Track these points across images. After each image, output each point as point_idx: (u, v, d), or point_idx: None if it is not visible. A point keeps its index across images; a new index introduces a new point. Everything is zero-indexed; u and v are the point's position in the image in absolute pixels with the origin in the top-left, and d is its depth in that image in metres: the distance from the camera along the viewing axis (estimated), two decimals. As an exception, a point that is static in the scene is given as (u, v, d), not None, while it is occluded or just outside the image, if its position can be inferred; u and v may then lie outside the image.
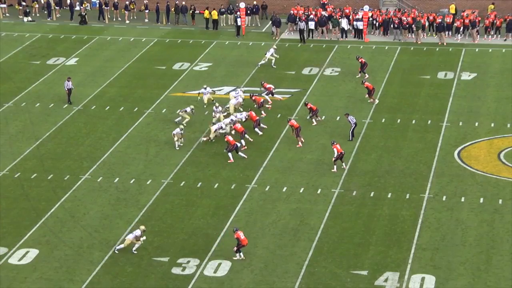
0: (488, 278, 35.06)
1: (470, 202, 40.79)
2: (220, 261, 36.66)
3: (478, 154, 45.63)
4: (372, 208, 40.43)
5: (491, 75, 56.93)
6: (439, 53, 61.54)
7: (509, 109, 51.17)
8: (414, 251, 37.07)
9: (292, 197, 41.81)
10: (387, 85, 55.60)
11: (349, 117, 47.34)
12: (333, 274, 35.63)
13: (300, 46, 63.92)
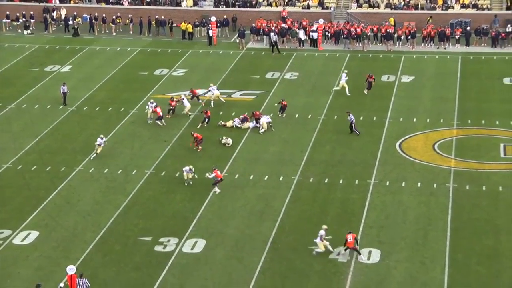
0: (425, 251, 35.36)
1: (409, 187, 41.05)
2: (196, 240, 36.69)
3: (416, 145, 45.92)
4: (327, 192, 40.61)
5: (427, 78, 57.30)
6: (383, 59, 61.84)
7: (442, 107, 51.50)
8: (362, 229, 37.27)
9: (258, 184, 41.86)
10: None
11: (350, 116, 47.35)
12: (293, 250, 35.76)
13: (264, 54, 63.92)
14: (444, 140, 46.49)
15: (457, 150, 45.18)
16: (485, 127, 48.19)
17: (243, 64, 61.65)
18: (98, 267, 34.45)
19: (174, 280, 33.57)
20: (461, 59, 60.97)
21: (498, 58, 60.99)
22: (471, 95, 53.45)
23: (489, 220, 37.69)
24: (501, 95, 53.46)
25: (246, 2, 72.67)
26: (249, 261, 34.93)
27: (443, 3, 69.51)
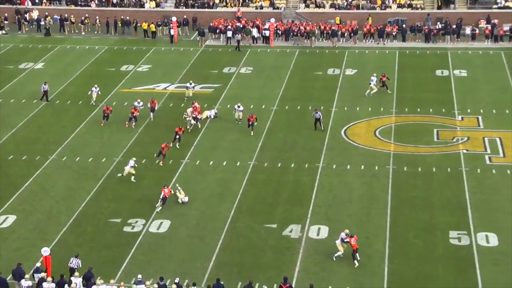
0: (368, 226, 35.70)
1: (354, 169, 41.36)
2: (162, 221, 36.60)
3: (359, 132, 46.23)
4: (280, 175, 40.72)
5: (368, 71, 57.50)
6: (328, 54, 62.07)
7: (383, 96, 51.85)
8: (312, 208, 37.50)
9: (217, 169, 41.85)
10: (289, 80, 55.86)
11: (317, 113, 46.31)
12: (250, 228, 35.87)
13: (221, 50, 63.77)
14: (384, 126, 46.88)
15: (395, 135, 45.58)
16: (420, 114, 48.67)
17: (202, 60, 61.43)
18: (72, 247, 34.16)
19: (142, 257, 33.48)
20: (398, 53, 61.46)
21: (431, 52, 61.59)
22: (407, 86, 53.91)
23: (425, 198, 38.15)
24: (434, 86, 54.06)
25: (204, 3, 72.39)
26: (210, 239, 34.96)
27: (381, 3, 69.95)
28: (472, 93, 52.00)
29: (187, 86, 51.94)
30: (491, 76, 55.19)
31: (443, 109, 49.23)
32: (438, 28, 64.21)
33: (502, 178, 39.59)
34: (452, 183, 39.40)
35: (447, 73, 56.35)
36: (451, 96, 51.39)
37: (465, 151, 43.04)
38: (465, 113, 48.39)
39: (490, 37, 63.16)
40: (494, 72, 56.11)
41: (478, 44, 62.82)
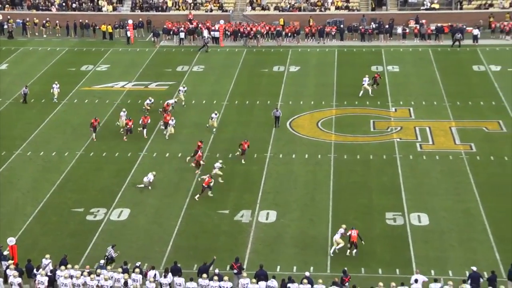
0: (312, 211, 35.89)
1: (298, 158, 41.49)
2: (122, 209, 36.29)
3: (303, 123, 46.38)
4: (231, 165, 40.57)
5: (310, 67, 57.85)
6: (274, 53, 62.04)
7: (323, 91, 52.06)
8: (261, 194, 37.54)
9: (173, 160, 41.58)
10: (238, 77, 55.72)
11: (277, 111, 45.72)
12: (204, 214, 35.77)
13: (174, 50, 63.28)
14: (326, 118, 47.11)
15: (336, 126, 45.83)
16: (358, 107, 49.02)
17: (157, 59, 60.89)
18: (38, 236, 33.70)
19: (104, 244, 33.03)
20: (337, 51, 61.75)
21: (367, 50, 62.05)
22: (346, 81, 54.20)
23: (363, 183, 38.48)
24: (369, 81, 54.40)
25: (158, 7, 71.74)
26: (168, 225, 34.78)
27: (321, 5, 70.19)
28: (404, 87, 52.55)
29: (180, 89, 50.10)
30: (420, 71, 55.84)
31: (378, 101, 49.66)
32: (373, 28, 64.71)
33: (431, 164, 40.14)
34: (387, 169, 39.81)
35: (381, 68, 56.83)
36: (385, 90, 51.86)
37: (398, 139, 43.50)
38: (398, 105, 48.90)
39: (419, 36, 63.90)
40: (423, 67, 56.78)
41: (408, 42, 63.50)
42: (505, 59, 57.60)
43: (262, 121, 46.49)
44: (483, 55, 58.82)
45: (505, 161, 40.24)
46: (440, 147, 42.23)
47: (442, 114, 47.00)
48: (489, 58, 57.82)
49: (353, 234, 31.98)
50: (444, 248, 32.39)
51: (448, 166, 39.74)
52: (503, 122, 45.43)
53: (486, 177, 38.34)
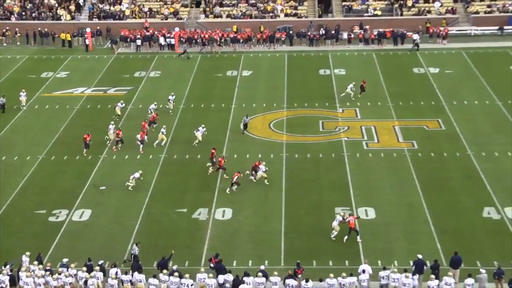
0: (266, 208, 35.97)
1: (252, 158, 41.35)
2: (83, 210, 35.84)
3: (256, 125, 46.41)
4: (188, 166, 40.42)
5: (262, 72, 57.93)
6: (227, 58, 61.96)
7: (275, 94, 52.18)
8: (218, 192, 37.45)
9: (132, 162, 41.21)
10: (193, 82, 55.47)
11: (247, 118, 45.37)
12: (163, 213, 35.56)
13: (132, 57, 62.71)
14: (277, 120, 47.25)
15: (287, 127, 46.01)
16: (307, 108, 49.28)
17: (115, 66, 60.29)
18: (3, 238, 33.08)
19: (66, 243, 32.69)
20: (287, 56, 61.97)
21: (315, 55, 62.42)
22: (296, 84, 54.45)
23: (314, 180, 38.69)
24: (318, 83, 54.76)
25: (115, 15, 71.00)
26: (128, 224, 34.47)
27: (271, 12, 70.35)
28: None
29: (169, 98, 48.91)
30: (365, 74, 56.28)
31: (327, 103, 50.01)
32: (320, 34, 65.15)
33: (377, 161, 40.59)
34: (336, 167, 40.11)
35: (328, 72, 57.24)
36: (332, 92, 52.23)
37: (346, 138, 43.86)
38: (345, 106, 49.29)
39: (363, 41, 64.56)
40: (367, 70, 57.36)
41: (353, 46, 64.07)
42: (442, 62, 58.57)
43: (217, 124, 46.38)
44: (423, 58, 59.71)
45: (444, 157, 40.91)
46: (385, 145, 42.71)
47: (386, 114, 47.56)
48: (428, 61, 58.72)
49: (351, 221, 32.39)
50: (390, 239, 32.79)
51: (392, 162, 40.23)
52: (442, 120, 46.19)
53: (427, 172, 38.93)
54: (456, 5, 70.30)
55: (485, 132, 44.12)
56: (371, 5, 70.32)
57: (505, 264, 29.60)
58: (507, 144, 42.17)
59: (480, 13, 68.72)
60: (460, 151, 41.49)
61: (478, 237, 32.72)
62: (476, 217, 34.40)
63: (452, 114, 47.06)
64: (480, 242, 32.31)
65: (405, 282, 28.01)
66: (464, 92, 51.27)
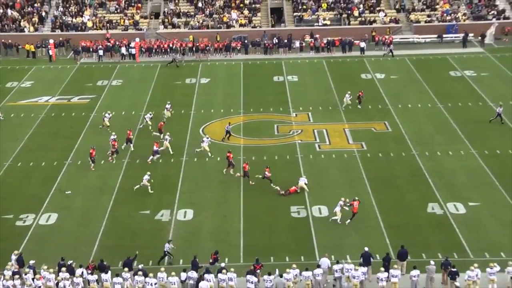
0: (226, 208, 35.99)
1: (212, 161, 41.40)
2: (50, 214, 35.34)
3: (214, 130, 46.33)
4: (150, 170, 40.02)
5: (219, 79, 57.91)
6: (186, 67, 61.66)
7: (231, 100, 52.21)
8: (179, 195, 37.34)
9: (96, 167, 40.76)
10: (154, 89, 55.15)
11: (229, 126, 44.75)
12: (127, 215, 35.30)
13: (94, 67, 62.02)
14: (235, 124, 47.28)
15: (244, 131, 46.08)
16: (263, 113, 49.47)
17: (78, 75, 59.56)
18: (-30, 243, 32.40)
19: (33, 247, 32.18)
20: (243, 64, 62.05)
21: (269, 63, 62.66)
22: (251, 90, 54.58)
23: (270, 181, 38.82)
24: (272, 89, 54.98)
25: (77, 27, 70.14)
26: (93, 227, 34.11)
27: (227, 23, 70.43)
28: (302, 94, 53.39)
29: (166, 107, 48.07)
30: (316, 80, 56.87)
31: (281, 108, 50.28)
32: (274, 43, 65.46)
33: (329, 162, 40.96)
34: (291, 168, 40.33)
35: (282, 78, 57.54)
36: (286, 97, 52.54)
37: (299, 141, 44.15)
38: (298, 111, 49.64)
39: (314, 49, 65.10)
40: (318, 76, 57.85)
41: (305, 54, 64.55)
42: (387, 68, 59.44)
43: (177, 129, 46.17)
44: (369, 64, 60.50)
45: (391, 157, 41.53)
46: (336, 147, 43.14)
47: (337, 118, 48.04)
48: (375, 67, 59.53)
49: (355, 206, 33.32)
50: (342, 235, 33.12)
51: (343, 163, 40.65)
52: (389, 122, 46.87)
53: (375, 171, 39.45)
54: (399, 15, 71.44)
55: (428, 133, 44.93)
56: (321, 15, 70.95)
57: (448, 256, 30.17)
58: (448, 144, 43.04)
59: (421, 22, 69.96)
60: (405, 151, 42.17)
61: (423, 231, 33.30)
62: (421, 212, 35.01)
63: (398, 116, 47.80)
64: (425, 236, 32.89)
65: (354, 274, 28.38)
66: (408, 96, 52.13)
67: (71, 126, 46.50)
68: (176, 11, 72.08)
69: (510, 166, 39.69)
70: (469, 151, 41.82)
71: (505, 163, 40.17)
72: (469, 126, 45.40)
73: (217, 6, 72.69)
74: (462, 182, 37.97)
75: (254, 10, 72.36)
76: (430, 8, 71.70)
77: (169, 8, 72.59)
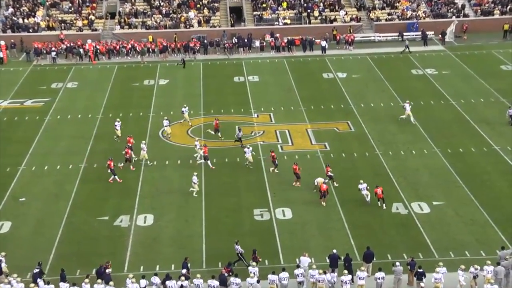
0: (187, 211, 35.72)
1: (172, 164, 41.12)
2: (2, 222, 34.64)
3: (174, 132, 45.94)
4: (108, 174, 39.47)
5: (178, 80, 57.54)
6: (144, 68, 61.04)
7: (192, 101, 51.84)
8: (139, 199, 36.91)
9: (52, 172, 40.06)
10: (111, 91, 54.48)
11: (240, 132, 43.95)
12: (85, 221, 34.73)
13: (48, 69, 60.96)
14: (195, 126, 46.99)
15: (205, 133, 45.79)
16: (224, 114, 49.29)
17: (32, 77, 58.47)
18: None
19: (-13, 257, 31.34)
20: (202, 64, 61.72)
21: (229, 63, 62.51)
22: (212, 91, 54.35)
23: (232, 183, 38.69)
24: (233, 90, 54.85)
25: (29, 28, 68.87)
26: (50, 234, 33.48)
27: (185, 22, 70.03)
28: (264, 95, 53.37)
29: (183, 110, 47.11)
30: (277, 80, 56.93)
31: (242, 109, 50.17)
32: (234, 42, 65.32)
33: (292, 163, 40.82)
34: (253, 170, 40.24)
35: (243, 79, 57.46)
36: (247, 98, 52.46)
37: (262, 142, 44.07)
38: (260, 111, 49.58)
39: (274, 48, 65.18)
40: (280, 76, 57.94)
41: (265, 54, 64.57)
42: (349, 67, 59.86)
43: (136, 132, 45.60)
44: (331, 64, 60.84)
45: (354, 157, 41.76)
46: (299, 148, 43.20)
47: (299, 118, 48.13)
48: (336, 67, 59.88)
49: (379, 192, 35.22)
50: (307, 237, 33.15)
51: (306, 164, 40.68)
52: (351, 122, 47.15)
53: (339, 171, 39.56)
54: (360, 13, 72.03)
55: (391, 132, 45.33)
56: (281, 14, 71.11)
57: (414, 256, 30.42)
58: (411, 143, 43.48)
59: (381, 20, 70.67)
60: (369, 151, 42.45)
61: (388, 232, 33.53)
62: (385, 212, 35.25)
63: (360, 116, 48.12)
64: (390, 236, 33.12)
65: (319, 278, 28.38)
66: (370, 95, 52.54)
67: (25, 130, 45.62)
68: (132, 11, 71.37)
69: (472, 164, 40.31)
70: (432, 150, 42.31)
71: (468, 161, 40.77)
72: (431, 125, 45.96)
73: (174, 5, 72.22)
74: (426, 181, 38.38)
75: (213, 9, 72.12)
76: (390, 6, 72.48)
77: (124, 8, 71.76)
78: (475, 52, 63.22)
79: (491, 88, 53.08)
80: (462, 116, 47.43)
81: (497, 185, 37.84)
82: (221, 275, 28.68)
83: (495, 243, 31.68)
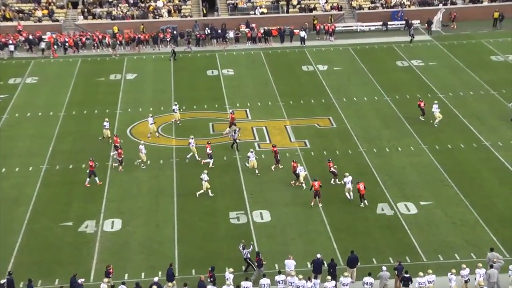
0: (158, 215, 35.62)
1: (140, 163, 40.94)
2: (-42, 230, 34.18)
3: (143, 130, 45.71)
4: (72, 176, 39.29)
5: (147, 74, 57.28)
6: (109, 62, 60.69)
7: (162, 97, 51.74)
8: (105, 203, 36.71)
9: (10, 175, 39.67)
10: (74, 87, 54.06)
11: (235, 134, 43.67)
12: (47, 227, 34.46)
13: (5, 63, 60.33)
14: (166, 124, 46.83)
15: (176, 131, 45.71)
16: (196, 110, 49.20)
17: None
18: None
19: None
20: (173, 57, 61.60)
21: (201, 55, 62.35)
22: (183, 86, 54.20)
23: (207, 185, 38.63)
24: (206, 84, 54.73)
25: (-15, 19, 68.22)
26: (8, 241, 33.16)
27: (153, 11, 69.73)
28: (239, 89, 53.36)
29: (174, 108, 46.88)
30: (254, 73, 56.94)
31: (216, 104, 50.11)
32: (206, 33, 65.19)
33: (270, 162, 40.97)
34: (229, 170, 40.22)
35: (216, 72, 57.37)
36: (221, 93, 52.41)
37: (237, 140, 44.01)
38: (235, 107, 49.54)
39: (250, 39, 65.18)
40: (256, 69, 57.95)
41: (240, 45, 64.54)
42: (330, 58, 60.07)
43: (101, 131, 45.32)
44: (311, 55, 60.99)
45: (337, 155, 41.90)
46: (277, 145, 43.20)
47: (277, 114, 48.19)
48: (316, 58, 60.05)
49: (361, 188, 35.54)
50: (286, 241, 33.20)
51: (285, 163, 40.73)
52: (333, 118, 47.32)
53: (320, 170, 39.67)
54: (341, 1, 72.32)
55: (375, 128, 45.58)
56: (257, 3, 71.14)
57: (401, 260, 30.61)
58: (397, 139, 43.75)
59: (364, 9, 71.02)
60: (352, 148, 42.63)
61: (373, 234, 33.70)
62: (370, 214, 35.43)
63: (343, 111, 48.32)
64: (375, 239, 33.30)
65: (298, 284, 28.44)
66: (353, 88, 52.78)
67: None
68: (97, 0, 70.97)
69: (462, 161, 40.67)
70: (419, 147, 42.62)
71: (457, 158, 41.14)
72: (418, 120, 46.27)
73: (142, -7, 72.00)
74: (412, 180, 38.64)
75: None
76: (373, -6, 72.92)
77: (89, -4, 71.33)
78: (464, 41, 63.81)
79: (481, 80, 53.62)
80: (450, 110, 47.84)
81: (488, 183, 38.22)
82: (200, 281, 28.62)
83: (486, 245, 31.98)
